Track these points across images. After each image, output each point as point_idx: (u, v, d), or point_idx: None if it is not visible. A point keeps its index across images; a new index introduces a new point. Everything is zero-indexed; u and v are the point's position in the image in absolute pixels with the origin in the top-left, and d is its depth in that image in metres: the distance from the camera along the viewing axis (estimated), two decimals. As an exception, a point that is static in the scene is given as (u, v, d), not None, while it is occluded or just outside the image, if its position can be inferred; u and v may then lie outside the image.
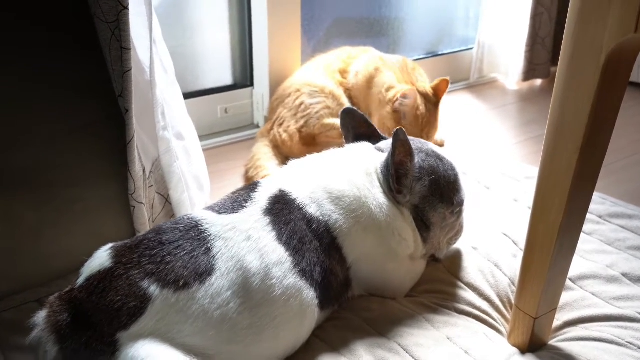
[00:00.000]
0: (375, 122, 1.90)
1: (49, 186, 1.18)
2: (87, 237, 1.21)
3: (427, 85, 1.92)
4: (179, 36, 2.00)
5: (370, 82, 1.93)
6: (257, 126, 2.17)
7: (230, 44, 2.13)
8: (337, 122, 1.77)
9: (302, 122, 1.83)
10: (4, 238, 1.15)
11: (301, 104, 1.85)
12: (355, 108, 1.22)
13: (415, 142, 1.16)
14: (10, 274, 1.17)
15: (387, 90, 1.88)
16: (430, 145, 1.19)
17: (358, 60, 2.00)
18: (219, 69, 2.14)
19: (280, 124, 1.87)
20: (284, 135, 1.84)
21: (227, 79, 2.16)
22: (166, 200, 1.33)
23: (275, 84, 2.09)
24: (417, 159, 1.11)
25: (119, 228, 1.23)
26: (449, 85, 1.92)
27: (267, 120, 2.01)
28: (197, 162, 1.41)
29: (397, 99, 1.83)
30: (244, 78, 2.19)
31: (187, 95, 1.98)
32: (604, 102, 0.86)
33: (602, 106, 0.86)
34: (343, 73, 1.98)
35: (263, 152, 1.83)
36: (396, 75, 1.92)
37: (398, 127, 1.05)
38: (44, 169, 1.17)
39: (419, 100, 1.84)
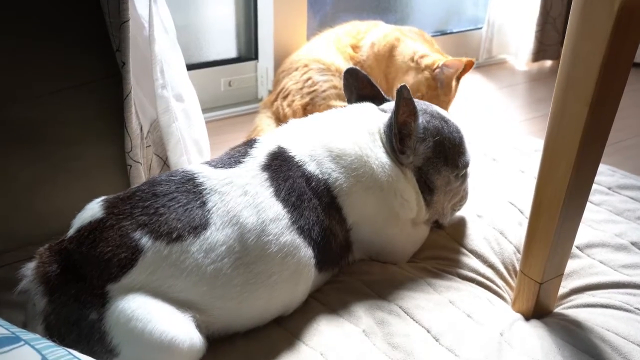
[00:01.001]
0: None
1: (45, 143, 1.15)
2: (83, 195, 1.17)
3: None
4: (184, 6, 1.97)
5: (392, 51, 1.91)
6: (261, 100, 2.14)
7: (235, 16, 2.10)
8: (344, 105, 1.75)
9: (307, 98, 1.79)
10: (-2, 195, 1.13)
11: (309, 79, 1.82)
12: (358, 68, 1.19)
13: (420, 103, 1.12)
14: (4, 232, 1.15)
15: (421, 57, 1.89)
16: (435, 108, 1.15)
17: (371, 33, 1.96)
18: (223, 41, 2.11)
19: (285, 97, 1.83)
20: (287, 110, 1.80)
21: (231, 52, 2.13)
22: (164, 162, 1.30)
23: (280, 58, 2.06)
24: (421, 120, 1.07)
25: (115, 187, 1.20)
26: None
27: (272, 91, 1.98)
28: (197, 126, 1.37)
29: (438, 67, 1.85)
30: (249, 51, 2.15)
31: (191, 67, 1.94)
32: (616, 53, 0.82)
33: (614, 57, 0.82)
34: (355, 48, 1.95)
35: (265, 124, 1.79)
36: (423, 44, 1.94)
37: (402, 85, 1.01)
38: (41, 126, 1.14)
39: None
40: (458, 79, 1.93)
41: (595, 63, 0.82)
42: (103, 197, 0.94)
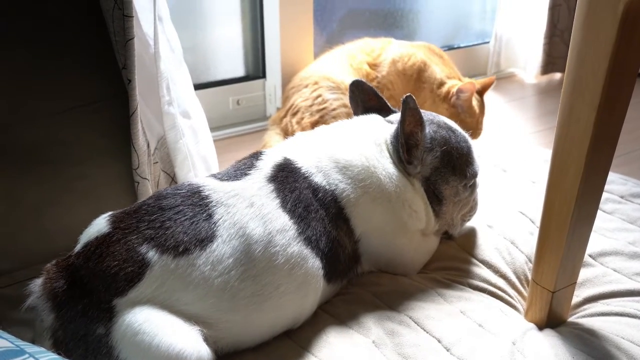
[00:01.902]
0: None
1: (51, 164, 1.16)
2: (91, 214, 1.17)
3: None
4: (192, 27, 1.98)
5: (420, 75, 1.93)
6: (270, 118, 2.15)
7: (242, 35, 2.11)
8: None
9: (317, 116, 1.79)
10: (5, 216, 1.13)
11: (318, 96, 1.81)
12: (364, 80, 1.18)
13: (426, 114, 1.12)
14: (12, 252, 1.15)
15: (439, 86, 1.91)
16: (442, 118, 1.15)
17: (388, 50, 1.96)
18: (231, 60, 2.13)
19: (294, 114, 1.83)
20: (296, 127, 1.80)
21: (239, 71, 2.14)
22: (172, 179, 1.30)
23: (287, 76, 2.06)
24: (428, 130, 1.07)
25: (123, 205, 1.19)
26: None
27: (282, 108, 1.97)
28: (204, 142, 1.38)
29: (452, 95, 1.88)
30: (256, 69, 2.17)
31: (199, 86, 1.96)
32: (623, 56, 0.81)
33: (621, 60, 0.81)
34: (372, 65, 1.94)
35: (274, 140, 1.79)
36: (443, 69, 1.95)
37: (407, 94, 1.01)
38: (46, 146, 1.15)
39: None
40: (481, 95, 1.94)
41: (601, 66, 0.81)
42: (110, 213, 0.94)
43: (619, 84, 0.83)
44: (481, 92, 1.94)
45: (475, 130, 1.92)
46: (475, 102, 1.90)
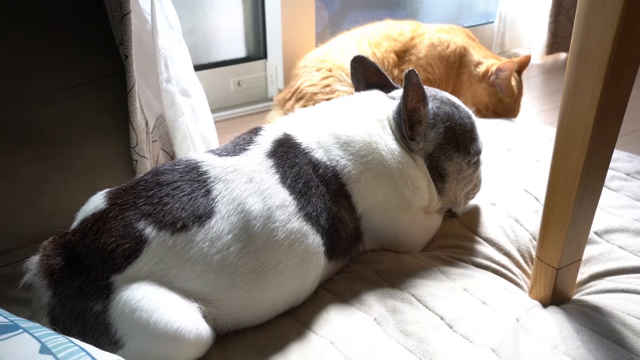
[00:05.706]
0: (466, 100, 1.89)
1: (50, 142, 1.14)
2: (88, 193, 1.16)
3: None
4: (192, 7, 1.96)
5: (462, 60, 1.91)
6: (271, 99, 2.12)
7: (243, 15, 2.09)
8: None
9: None
10: (3, 194, 1.12)
11: (327, 85, 1.76)
12: (365, 56, 1.16)
13: (430, 90, 1.10)
14: (10, 231, 1.14)
15: (476, 66, 1.89)
16: (446, 94, 1.12)
17: (424, 34, 1.91)
18: (232, 41, 2.10)
19: (298, 99, 1.79)
20: None
21: (240, 51, 2.12)
22: (171, 158, 1.29)
23: (289, 56, 2.04)
24: (431, 105, 1.05)
25: (121, 184, 1.20)
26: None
27: (286, 85, 1.92)
28: (204, 121, 1.36)
29: (492, 74, 1.86)
30: (257, 50, 2.14)
31: (199, 67, 1.94)
32: (630, 23, 0.79)
33: (628, 28, 0.79)
34: (401, 52, 1.88)
35: (277, 121, 1.76)
36: (479, 51, 1.94)
37: (410, 69, 0.99)
38: (45, 125, 1.14)
39: None
40: (519, 74, 1.92)
41: (608, 35, 0.79)
42: (107, 189, 0.92)
43: (626, 53, 0.81)
44: (519, 71, 1.91)
45: (513, 110, 1.91)
46: (513, 82, 1.88)
